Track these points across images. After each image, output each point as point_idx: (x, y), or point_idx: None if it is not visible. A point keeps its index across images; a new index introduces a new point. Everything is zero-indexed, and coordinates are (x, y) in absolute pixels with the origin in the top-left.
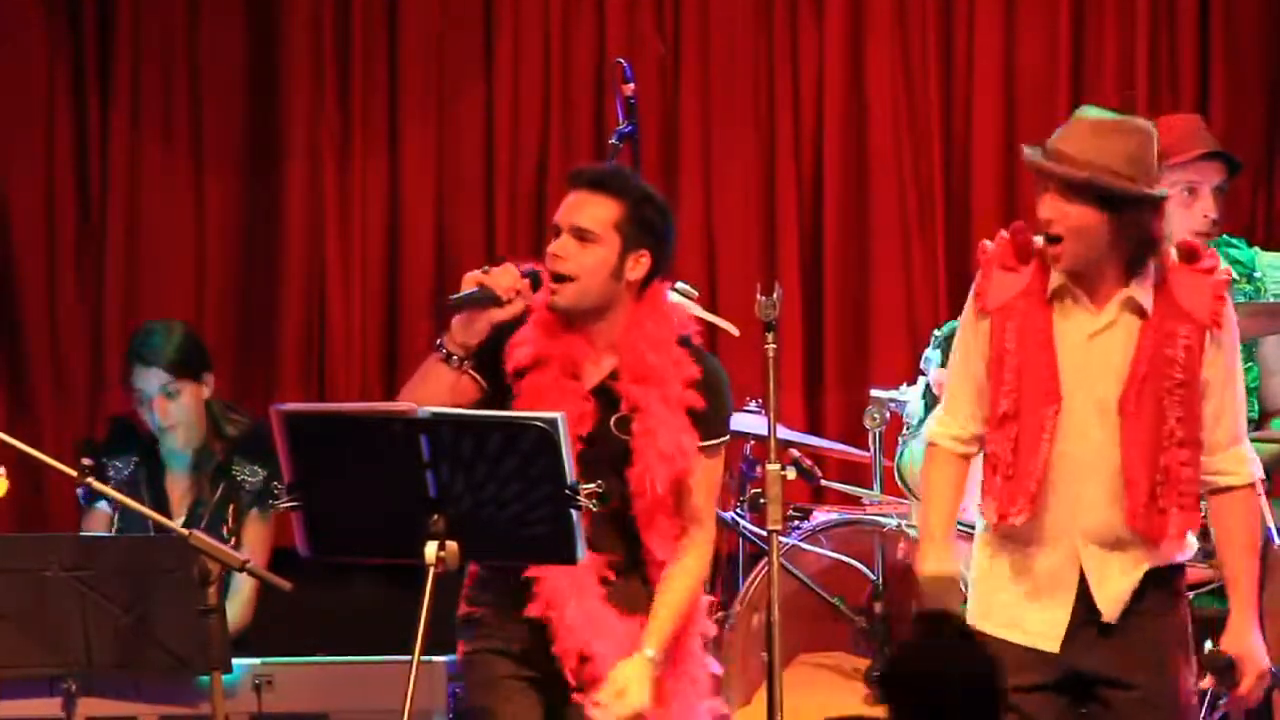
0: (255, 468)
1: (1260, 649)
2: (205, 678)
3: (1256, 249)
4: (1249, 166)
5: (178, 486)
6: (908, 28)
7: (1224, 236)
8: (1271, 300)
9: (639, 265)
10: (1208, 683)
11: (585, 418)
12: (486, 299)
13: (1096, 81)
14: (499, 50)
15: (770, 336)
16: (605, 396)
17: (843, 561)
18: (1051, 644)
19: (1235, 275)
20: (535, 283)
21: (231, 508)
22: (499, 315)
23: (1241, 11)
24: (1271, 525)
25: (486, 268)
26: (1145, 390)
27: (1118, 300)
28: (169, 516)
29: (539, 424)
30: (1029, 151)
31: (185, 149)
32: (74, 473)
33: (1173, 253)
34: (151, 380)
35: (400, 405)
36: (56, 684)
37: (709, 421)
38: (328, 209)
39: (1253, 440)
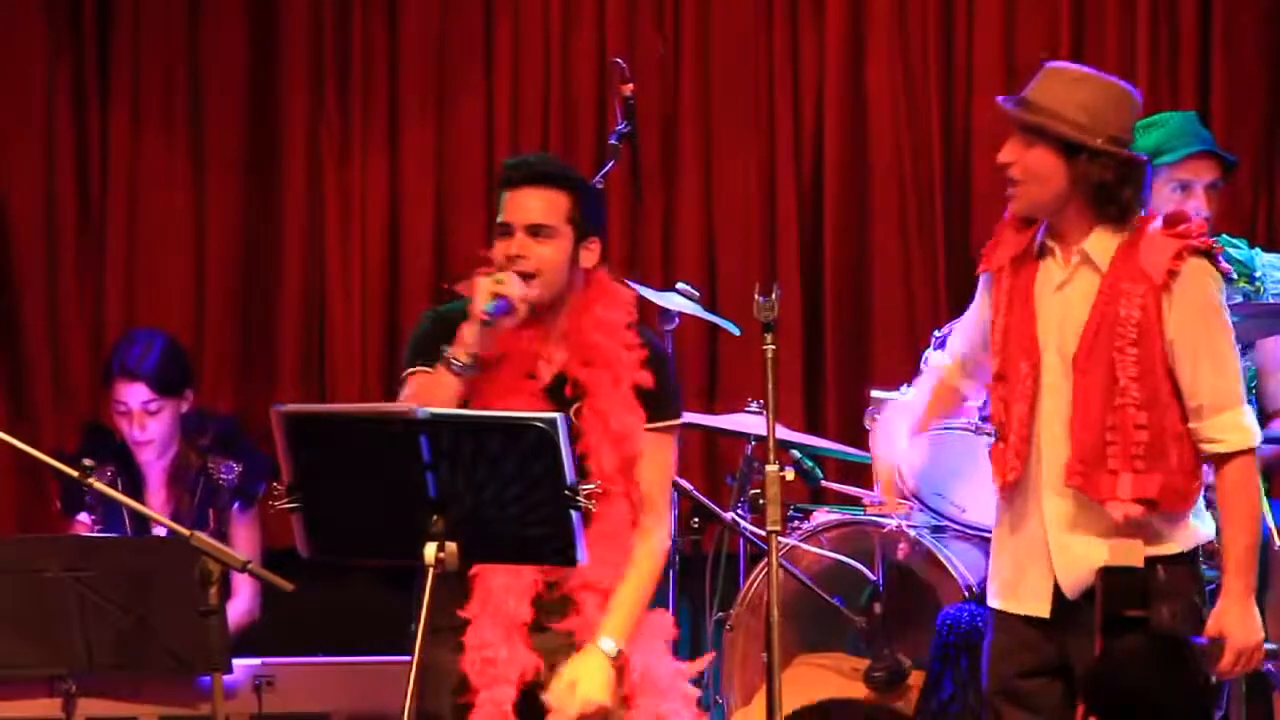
0: (230, 464)
1: (1245, 625)
2: (205, 678)
3: (1257, 249)
4: (1249, 166)
5: (156, 497)
6: (908, 28)
7: (1224, 236)
8: (1271, 300)
9: (591, 253)
10: None
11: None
12: (511, 309)
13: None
14: (499, 50)
15: (769, 337)
16: (559, 392)
17: (843, 561)
18: (1041, 609)
19: (1235, 275)
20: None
21: (211, 511)
22: (509, 323)
23: (1241, 11)
24: (1271, 525)
25: (500, 277)
26: (1098, 345)
27: (1075, 254)
28: (145, 525)
29: (539, 424)
30: (1002, 102)
31: (185, 149)
32: (75, 473)
33: (1156, 220)
34: (134, 396)
35: (400, 406)
36: (56, 684)
37: (658, 401)
38: (328, 209)
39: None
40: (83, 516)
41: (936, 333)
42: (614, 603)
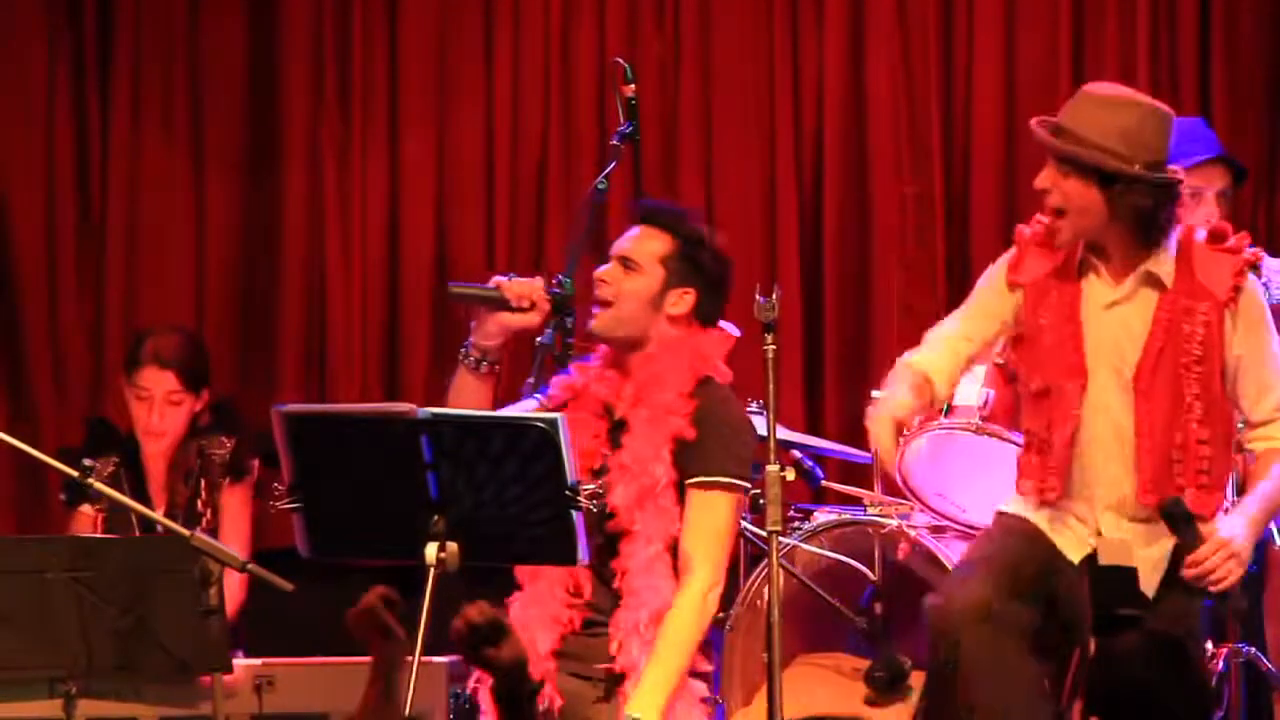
0: (222, 438)
1: (1243, 535)
2: (205, 678)
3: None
4: (1250, 169)
5: (156, 485)
6: (908, 28)
7: None
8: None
9: (681, 301)
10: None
11: (596, 452)
12: (491, 299)
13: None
14: (499, 51)
15: (770, 337)
16: (618, 432)
17: (843, 561)
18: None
19: None
20: (557, 303)
21: (203, 482)
22: (510, 320)
23: (1241, 11)
24: (1272, 525)
25: (512, 275)
26: (1161, 364)
27: (1136, 274)
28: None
29: (539, 424)
30: (1037, 126)
31: (185, 149)
32: (74, 473)
33: (1200, 234)
34: (161, 384)
35: (400, 406)
36: (56, 685)
37: (697, 455)
38: (328, 209)
39: None
40: (86, 508)
41: None
42: (643, 674)
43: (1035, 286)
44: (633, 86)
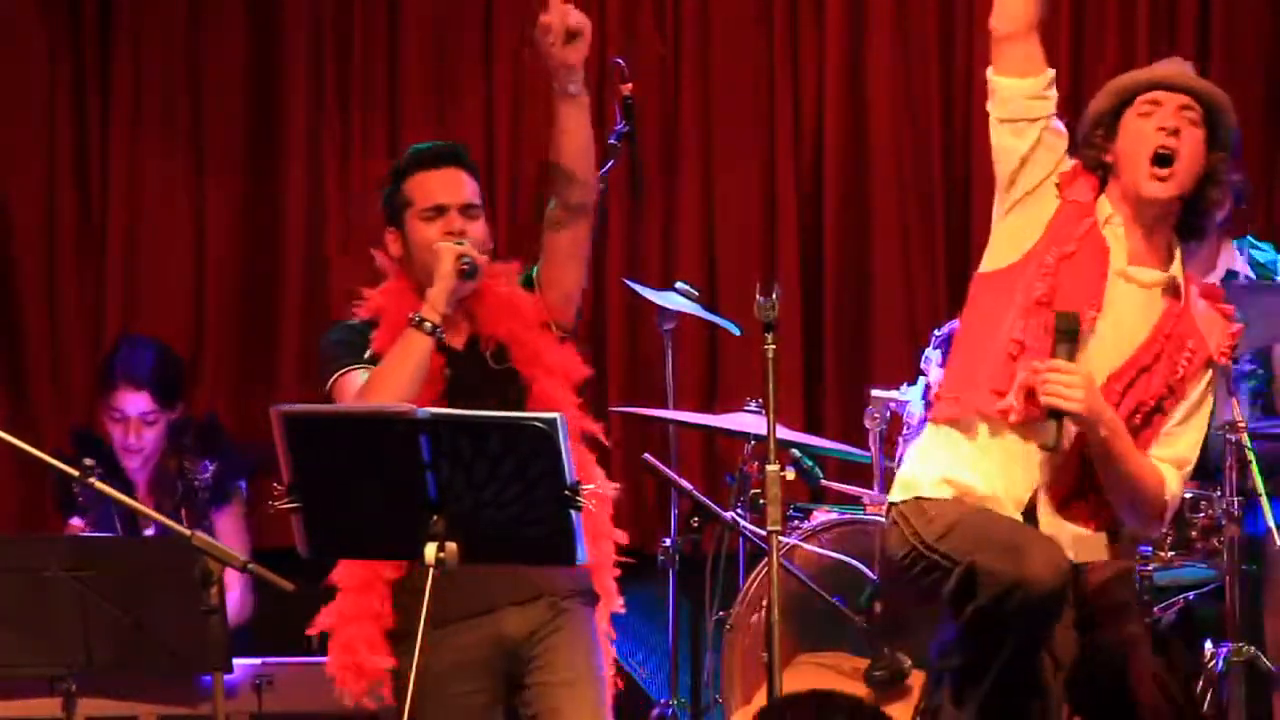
0: (205, 463)
1: (1099, 398)
2: (205, 678)
3: None
4: (1250, 166)
5: (141, 503)
6: (908, 28)
7: (1249, 238)
8: None
9: None
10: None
11: None
12: (476, 271)
13: (1097, 82)
14: (499, 50)
15: (770, 337)
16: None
17: (843, 561)
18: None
19: (1256, 278)
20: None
21: (184, 512)
22: (466, 289)
23: (1241, 11)
24: (1271, 524)
25: (462, 240)
26: (1148, 376)
27: (1160, 276)
28: (137, 529)
29: (538, 424)
30: (1140, 75)
31: (185, 149)
32: (75, 472)
33: (1193, 280)
34: (135, 405)
35: (400, 406)
36: (56, 684)
37: None
38: (328, 209)
39: (1261, 438)
40: (75, 521)
41: (936, 332)
42: None
43: (1074, 206)
44: (629, 85)
